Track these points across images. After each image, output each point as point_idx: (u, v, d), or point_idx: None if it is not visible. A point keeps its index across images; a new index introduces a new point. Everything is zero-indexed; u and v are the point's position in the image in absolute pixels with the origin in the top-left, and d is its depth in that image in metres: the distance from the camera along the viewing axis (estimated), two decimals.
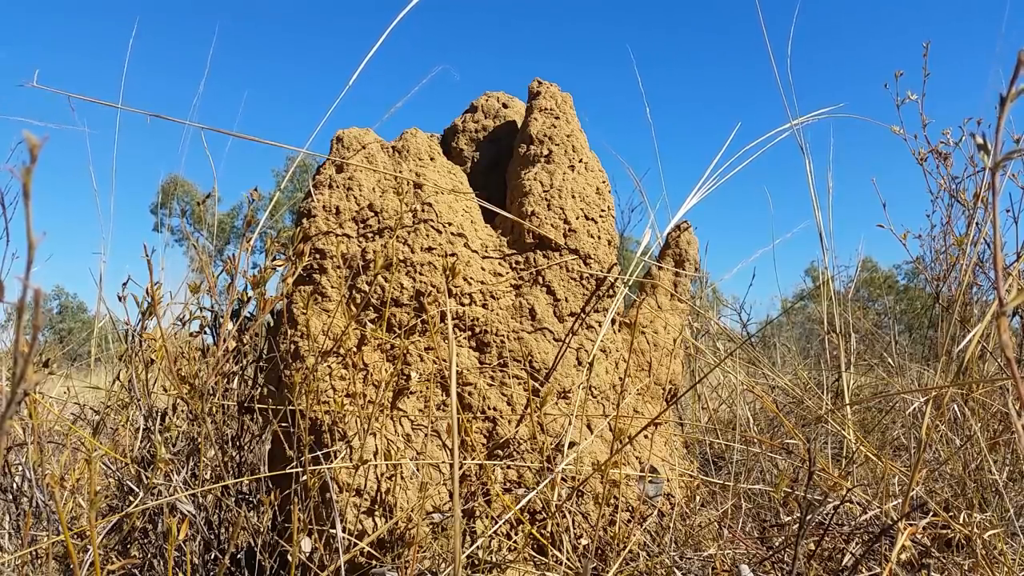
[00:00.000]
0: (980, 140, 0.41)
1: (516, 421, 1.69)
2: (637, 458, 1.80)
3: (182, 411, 1.58)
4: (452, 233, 1.76)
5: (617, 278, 1.84)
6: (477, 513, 1.63)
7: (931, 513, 1.60)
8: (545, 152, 1.88)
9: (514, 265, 1.81)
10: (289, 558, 1.25)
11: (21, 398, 0.32)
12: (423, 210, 1.76)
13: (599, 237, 1.85)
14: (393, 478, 1.60)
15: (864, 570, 1.55)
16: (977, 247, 2.52)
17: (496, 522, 1.59)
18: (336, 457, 1.60)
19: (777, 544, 1.80)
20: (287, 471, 1.52)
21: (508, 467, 1.67)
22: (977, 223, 2.57)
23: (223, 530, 1.54)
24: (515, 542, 1.62)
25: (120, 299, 1.56)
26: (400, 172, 1.79)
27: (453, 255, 1.74)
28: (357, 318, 1.69)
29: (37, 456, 1.39)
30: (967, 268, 2.49)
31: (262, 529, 1.52)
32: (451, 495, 1.62)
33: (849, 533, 1.70)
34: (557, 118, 1.92)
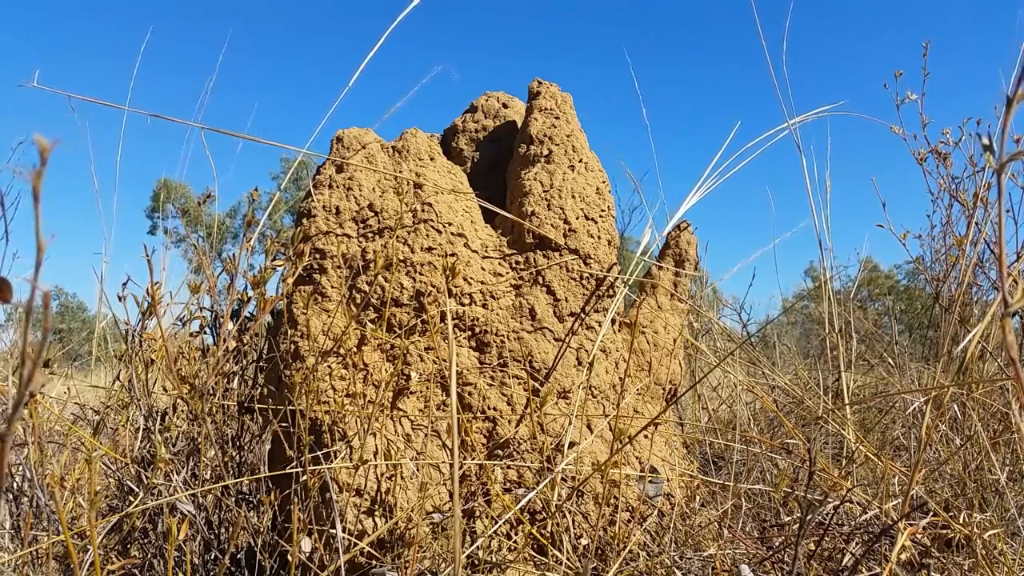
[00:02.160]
0: (986, 141, 0.41)
1: (516, 421, 1.69)
2: (637, 458, 1.80)
3: (182, 411, 1.58)
4: (452, 233, 1.76)
5: (617, 278, 1.83)
6: (477, 513, 1.63)
7: (931, 513, 1.60)
8: (545, 152, 1.88)
9: (514, 265, 1.81)
10: (289, 558, 1.25)
11: (26, 401, 0.32)
12: (423, 210, 1.76)
13: (599, 237, 1.85)
14: (393, 478, 1.60)
15: (864, 570, 1.56)
16: (977, 247, 2.52)
17: (496, 522, 1.59)
18: (336, 457, 1.60)
19: (777, 544, 1.80)
20: (287, 471, 1.52)
21: (508, 467, 1.67)
22: (977, 223, 2.58)
23: (223, 530, 1.54)
24: (515, 542, 1.62)
25: (120, 299, 1.56)
26: (400, 172, 1.79)
27: (453, 255, 1.74)
28: (357, 318, 1.69)
29: (37, 456, 1.39)
30: (967, 268, 2.49)
31: (262, 529, 1.52)
32: (451, 495, 1.62)
33: (849, 533, 1.70)
34: (557, 118, 1.92)
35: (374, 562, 1.57)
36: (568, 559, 1.54)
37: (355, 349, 1.67)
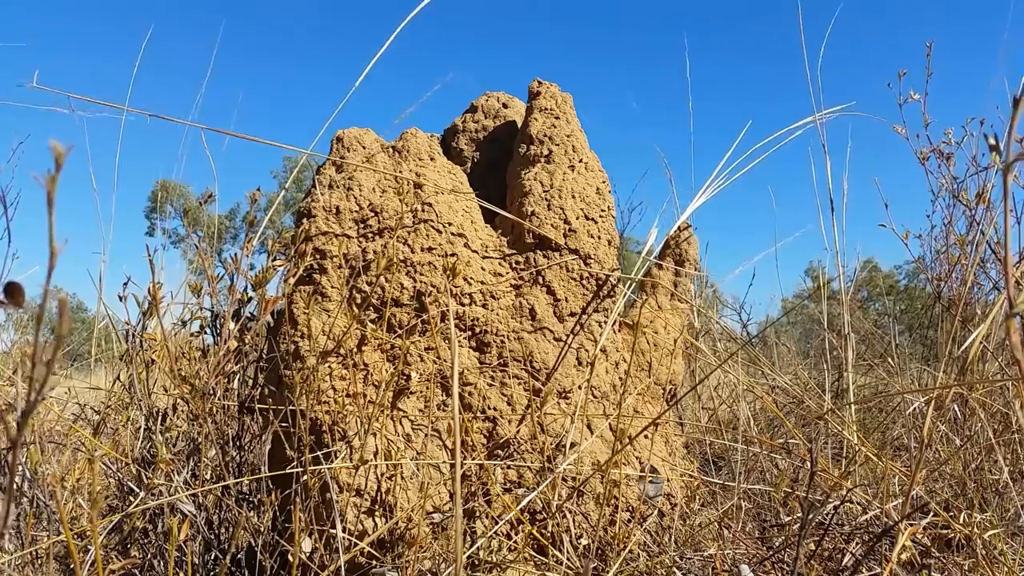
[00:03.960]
0: (992, 141, 0.41)
1: (516, 421, 1.69)
2: (637, 458, 1.80)
3: (182, 411, 1.58)
4: (452, 233, 1.76)
5: (618, 278, 1.83)
6: (477, 513, 1.63)
7: (931, 513, 1.60)
8: (545, 152, 1.88)
9: (514, 265, 1.80)
10: (289, 558, 1.25)
11: (38, 403, 0.32)
12: (423, 210, 1.75)
13: (599, 237, 1.85)
14: (393, 478, 1.60)
15: (864, 570, 1.56)
16: (980, 248, 2.52)
17: (496, 522, 1.59)
18: (336, 457, 1.60)
19: (777, 544, 1.80)
20: (288, 471, 1.52)
21: (508, 467, 1.67)
22: (978, 223, 2.57)
23: (224, 530, 1.54)
24: (515, 542, 1.62)
25: (121, 299, 1.56)
26: (400, 172, 1.79)
27: (453, 255, 1.74)
28: (357, 318, 1.69)
29: (38, 456, 1.39)
30: (968, 268, 2.49)
31: (263, 529, 1.52)
32: (451, 495, 1.62)
33: (850, 533, 1.70)
34: (557, 118, 1.92)
35: (374, 562, 1.57)
36: (568, 559, 1.54)
37: (355, 349, 1.67)
